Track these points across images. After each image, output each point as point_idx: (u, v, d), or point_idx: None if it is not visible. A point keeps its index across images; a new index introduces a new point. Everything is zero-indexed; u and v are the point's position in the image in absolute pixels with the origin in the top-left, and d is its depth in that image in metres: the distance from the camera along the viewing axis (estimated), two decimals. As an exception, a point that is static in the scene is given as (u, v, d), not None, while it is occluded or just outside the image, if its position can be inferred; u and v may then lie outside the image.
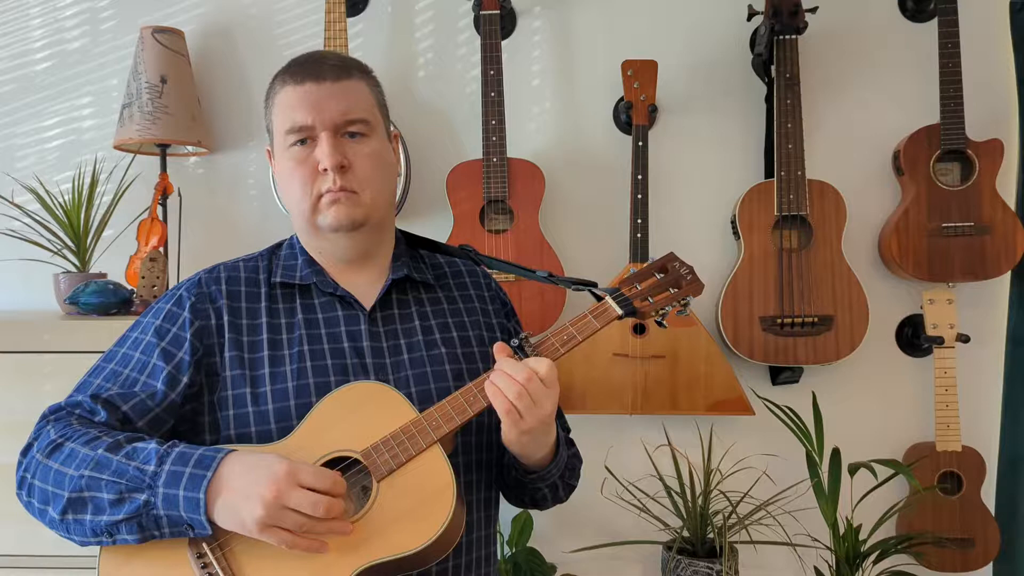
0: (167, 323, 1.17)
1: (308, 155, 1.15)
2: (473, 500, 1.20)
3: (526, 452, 1.15)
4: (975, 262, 2.07)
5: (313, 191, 1.15)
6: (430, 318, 1.24)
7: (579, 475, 1.32)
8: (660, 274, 1.23)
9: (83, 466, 1.03)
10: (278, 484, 0.98)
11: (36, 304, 2.31)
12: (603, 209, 2.25)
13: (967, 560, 2.08)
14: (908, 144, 2.11)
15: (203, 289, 1.20)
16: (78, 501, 1.03)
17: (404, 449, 1.07)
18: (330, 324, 1.19)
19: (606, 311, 1.18)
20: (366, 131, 1.17)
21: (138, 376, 1.14)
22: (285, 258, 1.25)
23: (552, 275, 1.32)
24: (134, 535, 1.02)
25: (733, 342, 2.10)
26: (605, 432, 2.25)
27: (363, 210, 1.16)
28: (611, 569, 2.26)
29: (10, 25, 2.35)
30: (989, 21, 2.20)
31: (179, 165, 2.31)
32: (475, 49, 2.27)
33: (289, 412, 1.12)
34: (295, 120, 1.15)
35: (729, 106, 2.26)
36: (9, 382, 1.85)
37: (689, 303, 1.23)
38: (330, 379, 1.14)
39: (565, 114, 2.29)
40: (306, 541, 1.00)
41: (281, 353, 1.16)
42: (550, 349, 1.15)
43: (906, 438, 2.23)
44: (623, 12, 2.27)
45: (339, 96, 1.15)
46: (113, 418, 1.11)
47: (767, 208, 2.11)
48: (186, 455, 1.03)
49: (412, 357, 1.19)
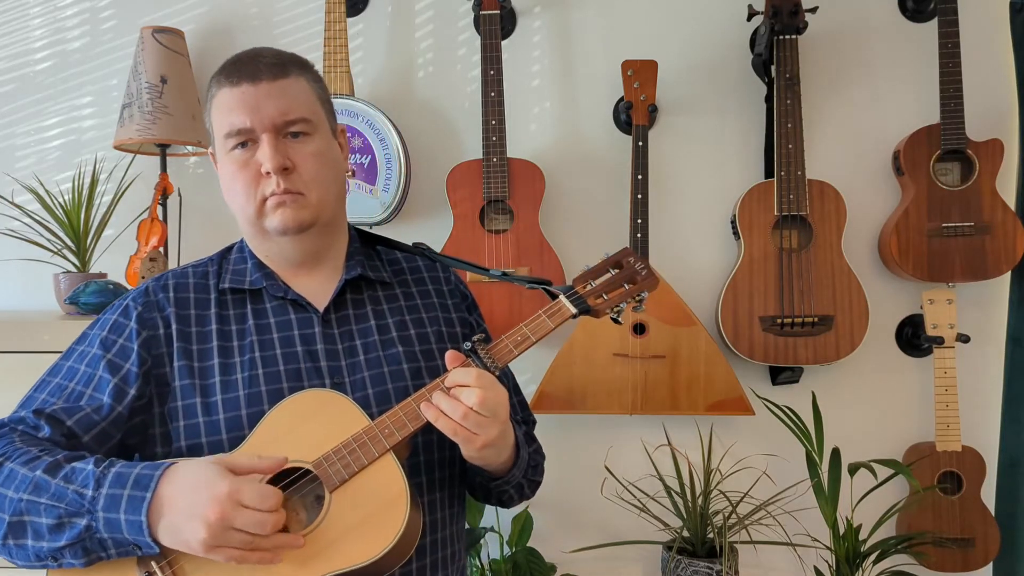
0: (113, 334, 1.14)
1: (250, 158, 1.12)
2: (436, 499, 1.18)
3: (486, 463, 1.13)
4: (975, 262, 2.07)
5: (257, 195, 1.13)
6: (387, 316, 1.21)
7: (543, 471, 1.31)
8: (614, 270, 1.21)
9: (21, 488, 0.99)
10: (221, 505, 0.95)
11: (36, 304, 2.31)
12: (603, 209, 2.25)
13: (967, 560, 2.08)
14: (908, 144, 2.11)
15: (150, 298, 1.17)
16: (18, 526, 0.99)
17: (356, 458, 1.05)
18: (282, 328, 1.16)
19: (560, 310, 1.16)
20: (308, 130, 1.14)
21: (83, 390, 1.11)
22: (234, 262, 1.23)
23: (506, 273, 1.30)
24: (79, 559, 0.99)
25: (733, 342, 2.10)
26: (605, 432, 2.25)
27: (310, 211, 1.14)
28: (611, 569, 2.26)
29: (10, 25, 2.35)
30: (989, 21, 2.20)
31: (179, 165, 2.31)
32: (475, 49, 2.27)
33: (241, 421, 1.09)
34: (233, 123, 1.11)
35: (729, 106, 2.26)
36: (9, 382, 1.84)
37: (644, 299, 1.20)
38: (283, 385, 1.12)
39: (565, 114, 2.29)
40: (257, 554, 0.97)
41: (232, 361, 1.13)
42: (504, 351, 1.12)
43: (906, 438, 2.23)
44: (623, 12, 2.27)
45: (277, 96, 1.12)
46: (57, 433, 1.07)
47: (767, 208, 2.11)
48: (123, 476, 0.99)
49: (368, 358, 1.17)
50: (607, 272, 1.21)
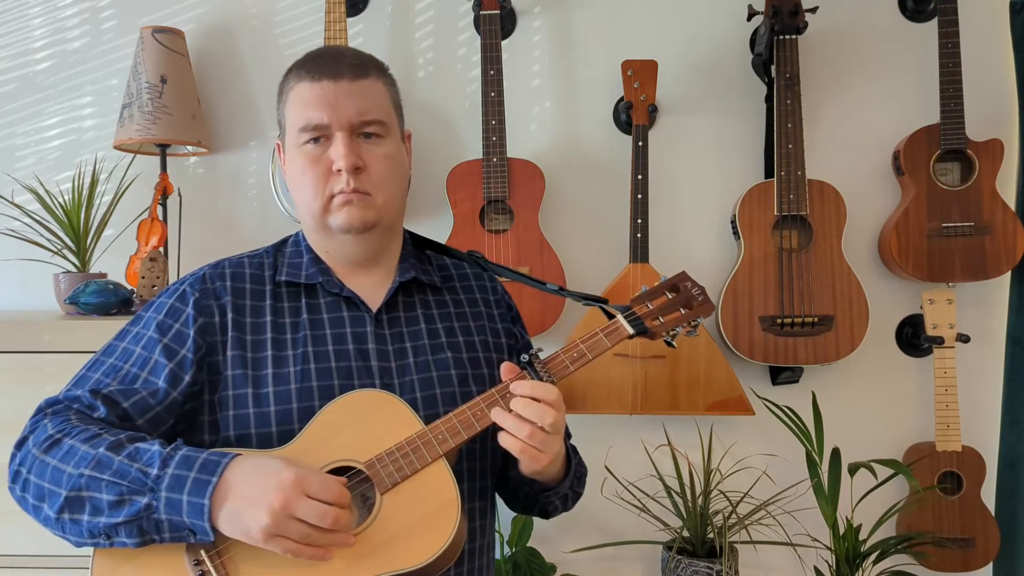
0: (170, 319, 1.14)
1: (322, 154, 1.13)
2: (476, 507, 1.18)
3: (542, 476, 1.14)
4: (975, 262, 2.07)
5: (325, 191, 1.13)
6: (436, 321, 1.22)
7: (585, 482, 1.31)
8: (671, 293, 1.21)
9: (83, 464, 1.00)
10: (286, 493, 0.95)
11: (36, 304, 2.31)
12: (603, 209, 2.25)
13: (967, 560, 2.08)
14: (908, 144, 2.11)
15: (207, 285, 1.17)
16: (76, 500, 1.00)
17: (409, 462, 1.05)
18: (335, 325, 1.17)
19: (618, 330, 1.16)
20: (382, 132, 1.15)
21: (139, 372, 1.11)
22: (290, 256, 1.22)
23: (563, 288, 1.30)
24: (133, 538, 0.99)
25: (733, 342, 2.10)
26: (605, 432, 2.25)
27: (375, 212, 1.14)
28: (611, 569, 2.26)
29: (10, 25, 2.35)
30: (989, 21, 2.20)
31: (179, 165, 2.31)
32: (475, 49, 2.27)
33: (291, 415, 1.10)
34: (310, 118, 1.12)
35: (729, 106, 2.26)
36: (9, 382, 1.85)
37: (699, 324, 1.21)
38: (334, 382, 1.12)
39: (565, 114, 2.29)
40: (311, 549, 0.98)
41: (285, 354, 1.13)
42: (560, 367, 1.12)
43: (906, 438, 2.23)
44: (623, 12, 2.27)
45: (356, 95, 1.13)
46: (113, 415, 1.08)
47: (767, 208, 2.11)
48: (191, 459, 1.00)
49: (418, 361, 1.17)
50: (664, 295, 1.21)
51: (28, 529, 1.72)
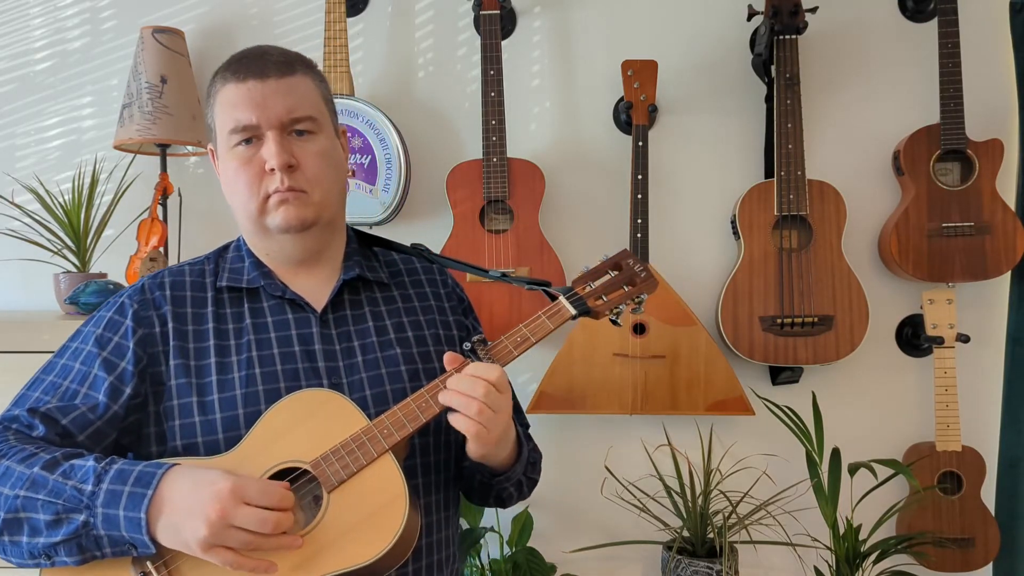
0: (108, 332, 1.12)
1: (253, 155, 1.12)
2: (433, 501, 1.17)
3: (491, 459, 1.13)
4: (975, 262, 2.07)
5: (260, 192, 1.12)
6: (384, 318, 1.21)
7: (540, 469, 1.30)
8: (614, 271, 1.21)
9: (18, 485, 0.99)
10: (222, 502, 0.94)
11: (36, 304, 2.31)
12: (603, 209, 2.25)
13: (967, 560, 2.08)
14: (908, 144, 2.11)
15: (146, 295, 1.15)
16: (14, 522, 0.99)
17: (355, 458, 1.04)
18: (280, 328, 1.15)
19: (560, 311, 1.16)
20: (313, 128, 1.14)
21: (78, 388, 1.09)
22: (232, 261, 1.22)
23: (505, 274, 1.31)
24: (74, 556, 0.98)
25: (733, 342, 2.10)
26: (605, 432, 2.25)
27: (313, 209, 1.13)
28: (611, 569, 2.26)
29: (10, 25, 2.35)
30: (989, 21, 2.20)
31: (179, 165, 2.31)
32: (475, 49, 2.27)
33: (238, 421, 1.09)
34: (239, 119, 1.11)
35: (729, 106, 2.25)
36: (9, 382, 1.84)
37: (643, 301, 1.21)
38: (280, 385, 1.11)
39: (565, 114, 2.29)
40: (252, 562, 0.97)
41: (229, 360, 1.12)
42: (503, 352, 1.12)
43: (906, 438, 2.23)
44: (623, 12, 2.27)
45: (284, 93, 1.11)
46: (52, 432, 1.06)
47: (767, 208, 2.11)
48: (125, 472, 0.99)
49: (366, 359, 1.16)
50: (606, 274, 1.21)
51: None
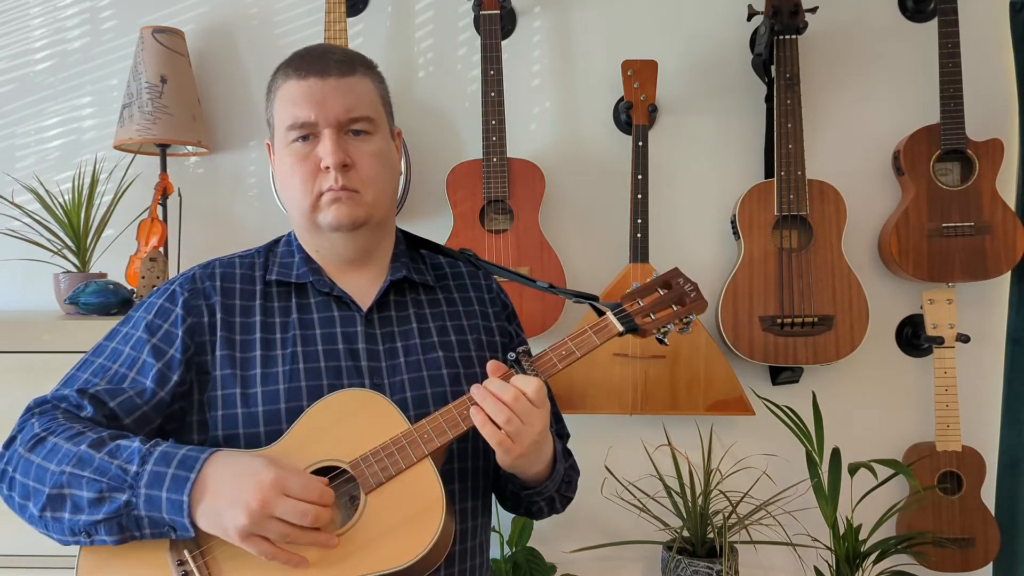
0: (158, 319, 1.14)
1: (310, 152, 1.12)
2: (468, 507, 1.17)
3: (520, 471, 1.13)
4: (975, 262, 2.06)
5: (314, 189, 1.13)
6: (428, 320, 1.21)
7: (576, 487, 1.30)
8: (663, 290, 1.20)
9: (65, 462, 1.00)
10: (264, 492, 0.95)
11: (36, 304, 2.31)
12: (603, 209, 2.25)
13: (967, 560, 2.08)
14: (908, 144, 2.11)
15: (197, 285, 1.16)
16: (58, 498, 1.00)
17: (394, 462, 1.05)
18: (325, 324, 1.16)
19: (607, 327, 1.16)
20: (370, 129, 1.14)
21: (127, 372, 1.11)
22: (282, 255, 1.22)
23: (553, 286, 1.30)
24: (113, 535, 0.99)
25: (733, 342, 2.10)
26: (605, 432, 2.25)
27: (364, 210, 1.14)
28: (611, 569, 2.26)
29: (10, 25, 2.35)
30: (989, 21, 2.20)
31: (179, 165, 2.31)
32: (475, 49, 2.27)
33: (279, 415, 1.09)
34: (297, 116, 1.12)
35: (729, 106, 2.26)
36: (9, 382, 1.85)
37: (692, 321, 1.20)
38: (323, 382, 1.12)
39: (565, 114, 2.29)
40: (286, 555, 0.98)
41: (274, 353, 1.13)
42: (547, 365, 1.12)
43: (906, 438, 2.23)
44: (623, 12, 2.27)
45: (343, 93, 1.12)
46: (100, 414, 1.08)
47: (767, 208, 2.11)
48: (169, 455, 1.00)
49: (408, 360, 1.16)
50: (655, 291, 1.19)
51: (21, 528, 1.73)
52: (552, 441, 1.16)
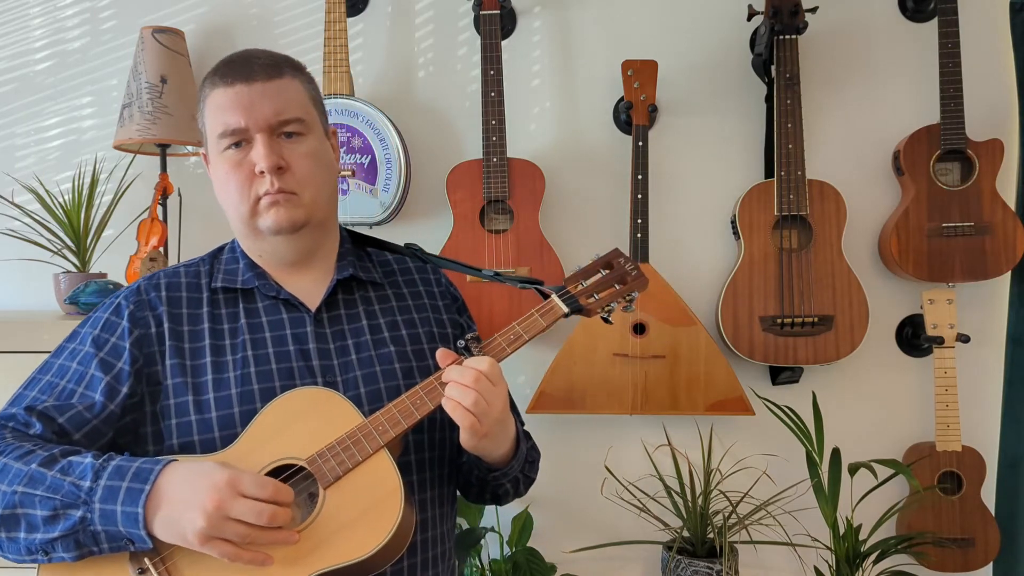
0: (105, 333, 1.14)
1: (243, 158, 1.13)
2: (427, 498, 1.18)
3: (487, 453, 1.13)
4: (975, 262, 2.07)
5: (251, 194, 1.13)
6: (378, 317, 1.22)
7: (538, 468, 1.31)
8: (605, 270, 1.23)
9: (16, 481, 1.00)
10: (219, 494, 0.95)
11: (36, 304, 2.31)
12: (603, 209, 2.25)
13: (967, 560, 2.08)
14: (908, 144, 2.11)
15: (142, 296, 1.17)
16: (11, 518, 0.99)
17: (350, 455, 1.05)
18: (274, 328, 1.17)
19: (552, 309, 1.18)
20: (302, 130, 1.15)
21: (75, 387, 1.11)
22: (226, 262, 1.23)
23: (499, 273, 1.32)
24: (71, 552, 0.99)
25: (733, 342, 2.10)
26: (605, 432, 2.25)
27: (303, 211, 1.14)
28: (611, 569, 2.26)
29: (10, 25, 2.35)
30: (989, 21, 2.20)
31: (179, 165, 2.31)
32: (475, 49, 2.27)
33: (233, 419, 1.10)
34: (227, 123, 1.12)
35: (729, 106, 2.25)
36: (9, 382, 1.84)
37: (634, 299, 1.23)
38: (275, 384, 1.12)
39: (565, 114, 2.29)
40: (249, 554, 0.98)
41: (224, 359, 1.13)
42: (496, 349, 1.14)
43: (906, 438, 2.23)
44: (623, 12, 2.27)
45: (272, 96, 1.12)
46: (49, 431, 1.07)
47: (767, 208, 2.11)
48: (123, 468, 1.00)
49: (360, 357, 1.17)
50: (598, 272, 1.23)
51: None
52: (513, 420, 1.17)
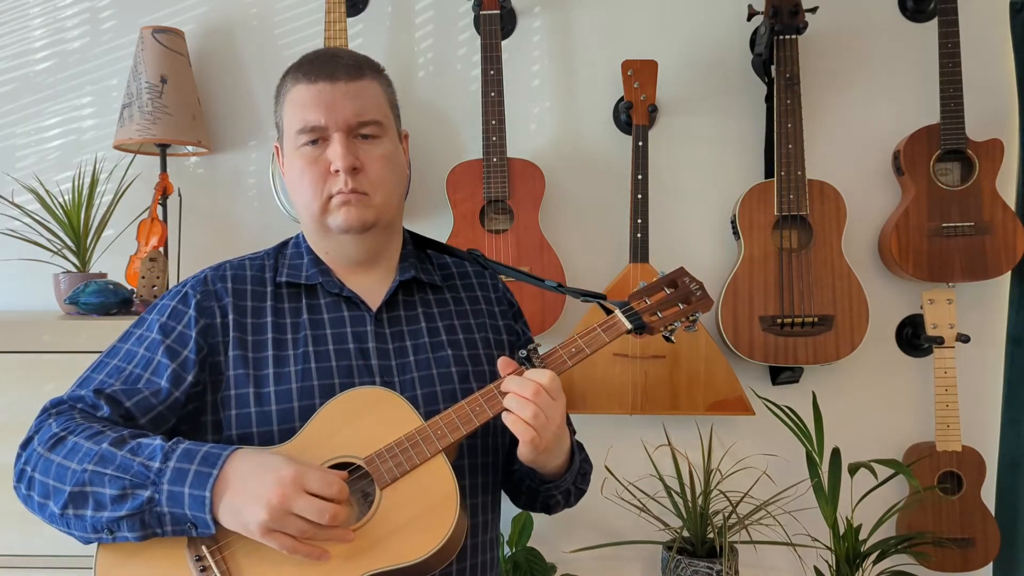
0: (172, 320, 1.16)
1: (319, 155, 1.14)
2: (479, 503, 1.19)
3: (542, 465, 1.14)
4: (975, 262, 2.07)
5: (324, 192, 1.14)
6: (437, 320, 1.23)
7: (589, 480, 1.32)
8: (669, 288, 1.23)
9: (86, 460, 1.02)
10: (284, 489, 0.97)
11: (36, 304, 2.31)
12: (603, 209, 2.25)
13: (967, 560, 2.08)
14: (908, 144, 2.11)
15: (209, 287, 1.18)
16: (80, 496, 1.01)
17: (408, 457, 1.06)
18: (335, 325, 1.18)
19: (615, 325, 1.18)
20: (378, 132, 1.16)
21: (142, 373, 1.13)
22: (291, 257, 1.24)
23: (561, 285, 1.32)
24: (135, 532, 1.00)
25: (733, 342, 2.10)
26: (605, 432, 2.25)
27: (374, 212, 1.16)
28: (611, 569, 2.26)
29: (10, 25, 2.35)
30: (989, 21, 2.20)
31: (179, 165, 2.31)
32: (475, 49, 2.27)
33: (292, 413, 1.11)
34: (307, 120, 1.13)
35: (729, 106, 2.26)
36: (9, 382, 1.85)
37: (698, 319, 1.23)
38: (334, 381, 1.13)
39: (565, 114, 2.29)
40: (307, 547, 0.99)
41: (286, 353, 1.15)
42: (558, 362, 1.15)
43: (906, 438, 2.23)
44: (623, 12, 2.27)
45: (352, 96, 1.14)
46: (116, 414, 1.09)
47: (767, 208, 2.11)
48: (192, 452, 1.01)
49: (418, 359, 1.18)
50: (662, 290, 1.23)
51: (25, 530, 1.72)
52: (569, 433, 1.18)
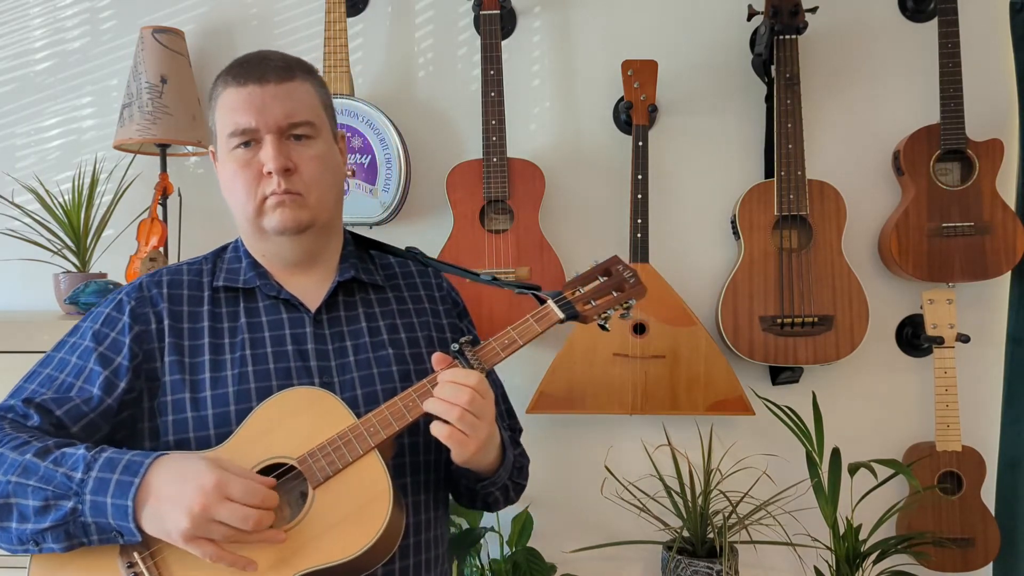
0: (106, 327, 1.15)
1: (252, 158, 1.14)
2: (421, 500, 1.18)
3: (476, 464, 1.13)
4: (975, 262, 2.06)
5: (258, 194, 1.14)
6: (378, 319, 1.23)
7: (527, 474, 1.32)
8: (603, 277, 1.23)
9: (10, 472, 1.01)
10: (206, 497, 0.96)
11: (36, 304, 2.31)
12: (603, 209, 2.25)
13: (967, 560, 2.08)
14: (908, 144, 2.11)
15: (144, 293, 1.18)
16: (3, 508, 1.00)
17: (341, 455, 1.06)
18: (274, 327, 1.18)
19: (547, 315, 1.18)
20: (311, 133, 1.16)
21: (74, 381, 1.12)
22: (229, 261, 1.24)
23: (496, 278, 1.33)
24: (60, 543, 1.00)
25: (733, 342, 2.10)
26: (605, 432, 2.25)
27: (309, 212, 1.15)
28: (611, 569, 2.26)
29: (10, 25, 2.35)
30: (989, 21, 2.20)
31: (179, 165, 2.31)
32: (475, 49, 2.27)
33: (229, 418, 1.11)
34: (238, 123, 1.13)
35: (729, 106, 2.25)
36: (9, 382, 1.84)
37: (632, 306, 1.23)
38: (272, 383, 1.13)
39: (565, 114, 2.29)
40: (231, 556, 0.99)
41: (223, 358, 1.14)
42: (491, 354, 1.14)
43: (906, 438, 2.23)
44: (623, 12, 2.27)
45: (283, 98, 1.14)
46: (46, 423, 1.09)
47: (767, 208, 2.11)
48: (114, 461, 1.00)
49: (358, 359, 1.18)
50: (596, 279, 1.23)
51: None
52: (499, 429, 1.18)
